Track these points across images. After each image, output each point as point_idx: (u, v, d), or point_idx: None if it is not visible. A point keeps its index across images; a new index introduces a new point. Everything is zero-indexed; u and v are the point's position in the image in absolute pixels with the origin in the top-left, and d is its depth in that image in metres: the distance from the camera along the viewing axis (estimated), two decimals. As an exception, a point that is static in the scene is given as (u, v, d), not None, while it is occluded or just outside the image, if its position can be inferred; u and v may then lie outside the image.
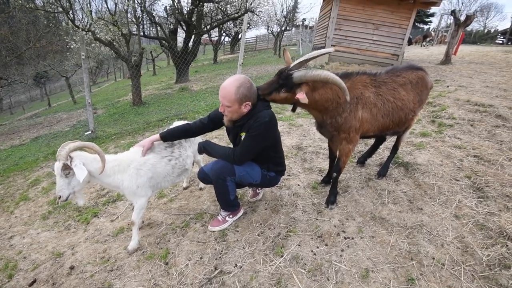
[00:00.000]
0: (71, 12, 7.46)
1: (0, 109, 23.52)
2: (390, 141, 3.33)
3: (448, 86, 5.45)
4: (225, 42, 27.24)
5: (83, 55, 4.88)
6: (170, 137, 2.12)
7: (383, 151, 3.20)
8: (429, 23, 32.78)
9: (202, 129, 2.13)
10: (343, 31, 8.68)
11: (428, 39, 18.46)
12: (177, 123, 2.33)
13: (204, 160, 3.04)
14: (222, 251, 1.96)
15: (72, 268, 2.08)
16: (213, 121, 2.09)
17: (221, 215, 2.22)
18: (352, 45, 8.76)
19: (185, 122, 2.29)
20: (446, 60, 8.43)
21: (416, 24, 28.36)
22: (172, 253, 2.01)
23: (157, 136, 2.11)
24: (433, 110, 4.13)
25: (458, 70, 7.23)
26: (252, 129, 1.81)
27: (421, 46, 18.11)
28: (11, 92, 22.08)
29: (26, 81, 16.81)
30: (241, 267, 1.81)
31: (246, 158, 1.94)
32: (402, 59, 8.78)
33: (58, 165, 1.75)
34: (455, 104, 4.31)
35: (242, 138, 1.90)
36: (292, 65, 1.85)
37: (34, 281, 2.05)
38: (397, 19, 8.44)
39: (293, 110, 2.11)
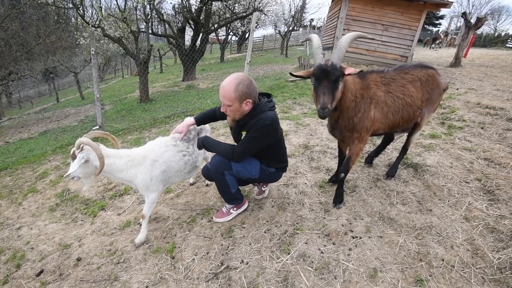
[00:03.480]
0: (81, 8, 7.54)
1: (10, 103, 23.87)
2: (399, 142, 3.30)
3: (458, 89, 5.38)
4: (232, 41, 27.26)
5: (93, 50, 4.93)
6: (202, 120, 2.18)
7: (392, 152, 3.17)
8: (438, 26, 32.44)
9: (223, 116, 2.11)
10: (352, 32, 8.62)
11: (437, 41, 18.23)
12: (189, 119, 2.36)
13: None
14: (228, 247, 1.96)
15: (79, 259, 2.10)
16: (221, 114, 2.10)
17: (225, 207, 2.24)
18: (360, 45, 8.69)
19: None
20: (456, 62, 8.32)
21: (425, 26, 28.05)
22: (179, 247, 2.02)
23: (191, 119, 2.14)
24: (443, 112, 4.08)
25: (468, 73, 7.13)
26: (252, 130, 1.80)
27: (430, 48, 17.90)
28: (20, 87, 22.42)
29: (35, 76, 17.03)
30: (247, 263, 1.80)
31: (244, 156, 1.93)
32: (411, 60, 8.68)
33: (72, 150, 1.85)
34: (465, 106, 4.25)
35: (243, 136, 1.89)
36: (332, 59, 1.69)
37: (42, 271, 2.08)
38: (406, 20, 8.36)
39: (335, 109, 1.93)
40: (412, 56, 8.79)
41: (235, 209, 2.22)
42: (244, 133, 1.88)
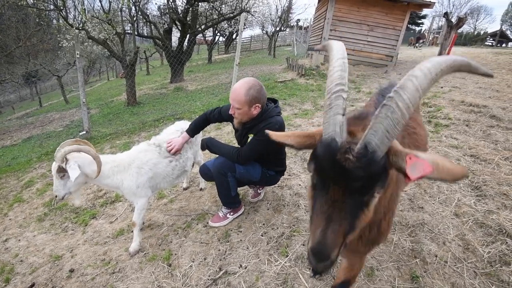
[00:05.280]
0: (64, 10, 7.33)
1: (-12, 109, 22.96)
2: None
3: (442, 87, 5.54)
4: (220, 42, 27.15)
5: (77, 53, 4.80)
6: (196, 131, 2.21)
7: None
8: (421, 25, 33.35)
9: (217, 119, 2.19)
10: (339, 32, 8.75)
11: (421, 40, 18.76)
12: (180, 123, 2.37)
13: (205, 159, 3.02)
14: (226, 252, 1.95)
15: (72, 271, 2.04)
16: (222, 116, 2.15)
17: (222, 211, 2.23)
18: (347, 46, 8.77)
19: (186, 121, 2.39)
20: (439, 61, 8.57)
21: (409, 25, 28.75)
22: (175, 254, 1.99)
23: (186, 135, 2.17)
24: (429, 111, 4.20)
25: (451, 71, 7.36)
26: (260, 134, 1.84)
27: (414, 47, 18.38)
28: (0, 91, 21.59)
29: (17, 81, 16.45)
30: (246, 267, 1.80)
31: (249, 159, 1.97)
32: (396, 60, 8.89)
33: (54, 166, 1.75)
34: (450, 104, 4.38)
35: (249, 139, 1.91)
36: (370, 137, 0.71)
37: (33, 285, 2.01)
38: (391, 20, 8.55)
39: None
40: (397, 55, 9.00)
41: (232, 213, 2.22)
42: (251, 136, 1.92)
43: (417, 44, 18.62)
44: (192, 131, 2.19)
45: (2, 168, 4.83)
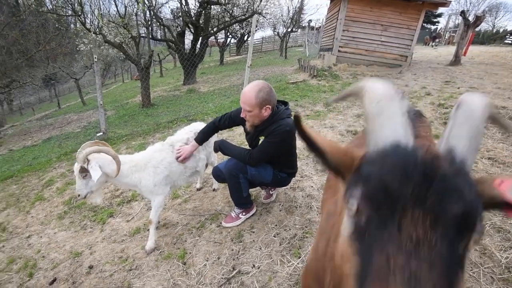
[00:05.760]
0: (82, 15, 7.59)
1: (11, 110, 23.97)
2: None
3: (458, 88, 5.41)
4: (231, 44, 27.37)
5: (95, 57, 4.97)
6: (205, 138, 2.24)
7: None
8: (436, 24, 32.50)
9: (228, 125, 2.23)
10: (351, 32, 8.67)
11: (437, 40, 18.27)
12: (195, 124, 2.46)
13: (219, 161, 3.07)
14: (239, 252, 1.98)
15: (91, 267, 2.12)
16: (234, 120, 2.17)
17: (234, 211, 2.27)
18: (360, 46, 8.73)
19: (202, 123, 2.47)
20: (456, 61, 8.36)
21: (423, 24, 28.11)
22: (190, 253, 2.04)
23: (195, 143, 2.21)
24: (445, 112, 4.11)
25: (468, 71, 7.17)
26: (272, 136, 1.87)
27: (431, 46, 17.91)
28: (21, 94, 22.49)
29: (37, 83, 17.11)
30: (259, 267, 1.83)
31: (260, 161, 2.00)
32: (411, 60, 8.73)
33: (76, 167, 1.83)
34: (467, 105, 4.27)
35: (260, 141, 1.94)
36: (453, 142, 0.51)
37: (55, 280, 2.10)
38: (405, 20, 8.40)
39: None
40: (412, 55, 8.83)
41: (244, 213, 2.26)
42: (262, 138, 1.95)
43: (433, 44, 18.14)
44: (201, 140, 2.23)
45: (24, 168, 5.05)
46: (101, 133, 5.24)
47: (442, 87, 5.53)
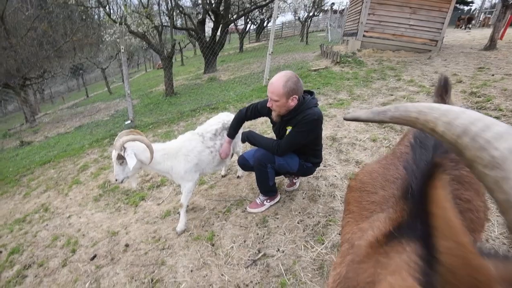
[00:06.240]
0: (107, 6, 7.81)
1: (43, 99, 25.40)
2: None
3: (493, 75, 5.08)
4: (251, 30, 27.01)
5: (122, 48, 5.14)
6: (236, 132, 2.33)
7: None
8: (470, 4, 30.12)
9: (254, 116, 2.27)
10: (377, 16, 8.29)
11: (472, 21, 16.88)
12: (222, 115, 2.54)
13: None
14: (264, 236, 2.07)
15: (127, 245, 2.30)
16: (260, 112, 2.21)
17: (259, 198, 2.36)
18: (386, 30, 8.35)
19: (228, 113, 2.56)
20: (491, 45, 7.78)
21: (456, 5, 26.18)
22: (217, 235, 2.16)
23: (228, 139, 2.33)
24: (477, 101, 3.90)
25: (504, 57, 6.68)
26: (299, 125, 1.90)
27: (466, 28, 16.66)
28: (51, 83, 23.71)
29: (66, 73, 17.94)
30: (283, 251, 1.91)
31: (288, 150, 2.05)
32: (441, 44, 8.24)
33: (114, 154, 1.96)
34: (502, 94, 4.03)
35: (288, 131, 1.98)
36: None
37: (95, 256, 2.30)
38: (436, 1, 7.89)
39: None
40: (443, 39, 8.33)
41: (268, 201, 2.33)
42: (289, 128, 1.99)
43: (469, 25, 16.75)
44: (233, 134, 2.32)
45: (59, 154, 5.43)
46: (129, 121, 5.48)
47: (475, 74, 5.22)
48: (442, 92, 1.21)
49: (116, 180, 2.02)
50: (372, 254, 0.65)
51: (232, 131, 2.31)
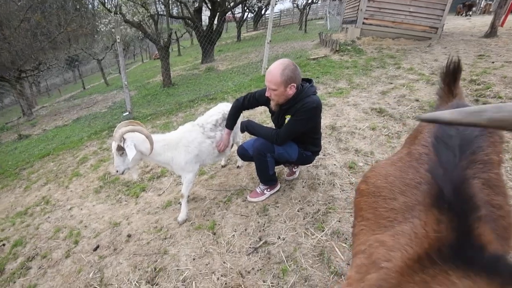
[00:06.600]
0: (101, -5, 7.64)
1: (39, 92, 25.13)
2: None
3: (493, 62, 5.04)
4: (248, 19, 26.57)
5: (118, 38, 5.05)
6: (234, 122, 2.32)
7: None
8: (471, -11, 29.58)
9: (252, 105, 2.26)
10: (377, 3, 8.15)
11: (474, 8, 16.61)
12: (222, 105, 2.52)
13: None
14: (264, 224, 2.09)
15: (129, 236, 2.33)
16: (258, 100, 2.19)
17: (259, 188, 2.37)
18: (386, 17, 8.22)
19: (227, 103, 2.52)
20: (491, 32, 7.69)
21: (457, -10, 25.66)
22: (219, 224, 2.18)
23: (227, 130, 2.33)
24: (477, 89, 3.89)
25: (505, 44, 6.61)
26: (298, 113, 1.89)
27: (465, 16, 16.41)
28: (47, 76, 23.40)
29: (62, 65, 17.68)
30: (284, 239, 1.93)
31: (287, 139, 2.05)
32: (441, 32, 8.15)
33: (114, 145, 1.95)
34: (502, 82, 4.01)
35: (287, 120, 1.97)
36: None
37: (98, 247, 2.33)
38: (437, -13, 7.75)
39: None
40: (443, 27, 8.22)
41: (268, 190, 2.35)
42: (288, 117, 1.98)
43: (470, 13, 16.50)
44: (232, 125, 2.31)
45: (58, 146, 5.40)
46: (127, 113, 5.44)
47: (475, 61, 5.18)
48: (450, 80, 1.12)
49: (117, 171, 2.02)
50: (406, 284, 0.56)
51: (230, 121, 2.30)
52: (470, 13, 16.50)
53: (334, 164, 2.67)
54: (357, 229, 0.94)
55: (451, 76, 1.14)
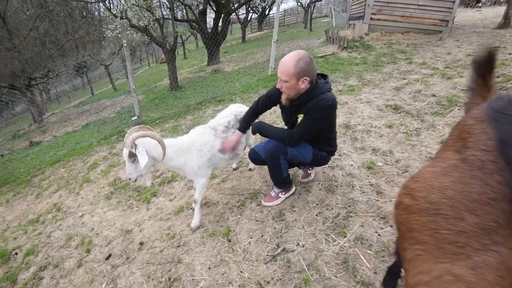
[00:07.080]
0: (107, 0, 7.68)
1: (49, 99, 25.58)
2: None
3: (510, 54, 4.84)
4: (253, 19, 26.51)
5: (124, 43, 5.04)
6: (247, 125, 2.19)
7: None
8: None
9: (265, 107, 2.15)
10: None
11: (482, 0, 16.18)
12: (233, 106, 2.43)
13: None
14: (281, 230, 1.99)
15: (142, 243, 2.26)
16: (270, 99, 2.10)
17: (274, 191, 2.27)
18: (395, 12, 8.03)
19: (239, 104, 2.45)
20: (505, 23, 7.42)
21: (465, -18, 25.05)
22: (233, 230, 2.09)
23: (239, 133, 2.19)
24: (497, 82, 3.71)
25: (521, 33, 6.37)
26: (312, 112, 1.77)
27: (474, 8, 15.98)
28: (56, 83, 23.80)
29: (70, 72, 17.96)
30: (303, 246, 1.83)
31: (301, 140, 1.93)
32: (452, 24, 7.91)
33: (125, 152, 1.87)
34: (523, 72, 3.83)
35: (299, 120, 1.87)
36: None
37: (110, 255, 2.27)
38: (447, -22, 7.53)
39: None
40: (454, 19, 7.98)
41: (283, 193, 2.25)
42: (300, 117, 1.86)
43: (479, 4, 16.06)
44: (244, 128, 2.19)
45: (69, 152, 5.42)
46: (136, 117, 5.42)
47: (491, 52, 4.98)
48: (486, 71, 0.98)
49: (130, 179, 1.94)
50: None
51: (243, 123, 2.19)
52: (480, 4, 16.06)
53: (351, 165, 2.55)
54: (409, 253, 0.80)
55: (487, 65, 1.00)
